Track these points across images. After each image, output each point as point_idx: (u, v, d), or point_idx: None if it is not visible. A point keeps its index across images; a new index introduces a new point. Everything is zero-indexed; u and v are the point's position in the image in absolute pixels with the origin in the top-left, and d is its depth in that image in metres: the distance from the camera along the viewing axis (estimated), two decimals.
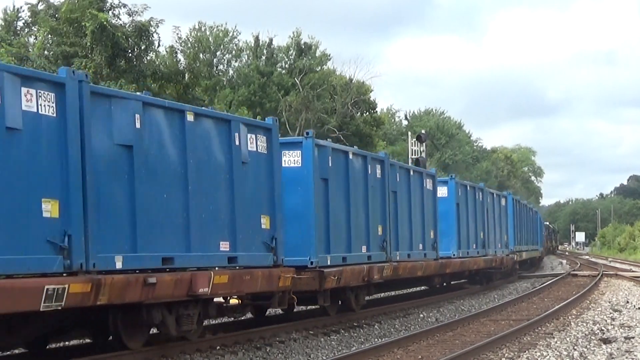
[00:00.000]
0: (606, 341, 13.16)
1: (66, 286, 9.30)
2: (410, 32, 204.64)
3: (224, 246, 12.32)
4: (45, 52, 33.58)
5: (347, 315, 16.84)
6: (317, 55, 61.20)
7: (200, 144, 11.84)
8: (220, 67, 62.85)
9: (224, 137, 12.39)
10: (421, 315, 18.62)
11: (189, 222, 11.52)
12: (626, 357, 11.41)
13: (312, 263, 14.79)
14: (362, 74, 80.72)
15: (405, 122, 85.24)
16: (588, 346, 12.71)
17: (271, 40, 62.60)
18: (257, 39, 62.81)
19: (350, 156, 16.63)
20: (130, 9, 33.45)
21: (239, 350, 12.40)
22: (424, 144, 40.18)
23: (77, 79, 9.87)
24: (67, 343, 12.39)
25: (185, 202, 11.50)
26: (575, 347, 12.57)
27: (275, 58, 61.89)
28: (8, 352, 10.91)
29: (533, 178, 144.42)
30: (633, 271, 38.51)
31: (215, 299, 12.38)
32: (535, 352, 12.14)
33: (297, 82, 56.42)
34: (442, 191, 23.65)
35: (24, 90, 9.18)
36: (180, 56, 47.83)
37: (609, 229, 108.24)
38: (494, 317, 18.03)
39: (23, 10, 42.88)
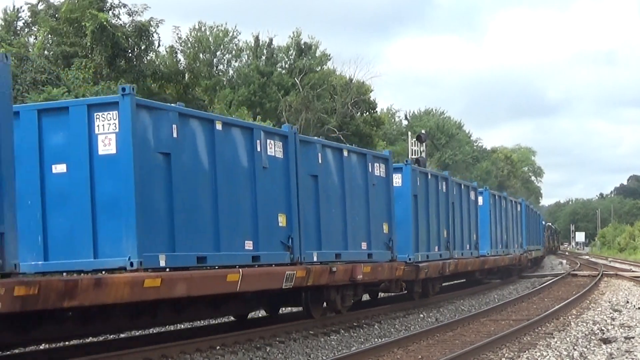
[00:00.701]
0: (606, 341, 13.16)
1: (294, 272, 13.86)
2: (410, 32, 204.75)
3: (364, 246, 17.14)
4: (45, 52, 33.61)
5: (347, 315, 16.93)
6: (317, 55, 61.23)
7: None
8: (220, 67, 62.92)
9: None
10: (421, 315, 18.62)
11: (369, 232, 17.20)
12: (626, 357, 11.41)
13: (410, 259, 19.39)
14: (362, 74, 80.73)
15: (405, 122, 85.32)
16: (588, 346, 12.71)
17: (271, 40, 62.69)
18: (257, 39, 62.87)
19: (429, 177, 21.85)
20: (130, 9, 33.53)
21: (239, 350, 12.40)
22: (424, 144, 40.18)
23: (294, 132, 14.49)
24: (66, 343, 12.39)
25: (366, 218, 17.14)
26: (575, 347, 12.57)
27: (275, 58, 61.92)
28: (8, 352, 10.91)
29: (533, 178, 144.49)
30: (633, 271, 38.52)
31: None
32: (535, 352, 12.14)
33: (297, 82, 56.44)
34: (479, 200, 28.20)
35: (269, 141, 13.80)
36: (180, 56, 47.91)
37: (609, 229, 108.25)
38: (494, 317, 18.03)
39: (23, 10, 42.90)
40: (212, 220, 12.25)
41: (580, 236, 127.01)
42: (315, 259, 14.99)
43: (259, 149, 13.47)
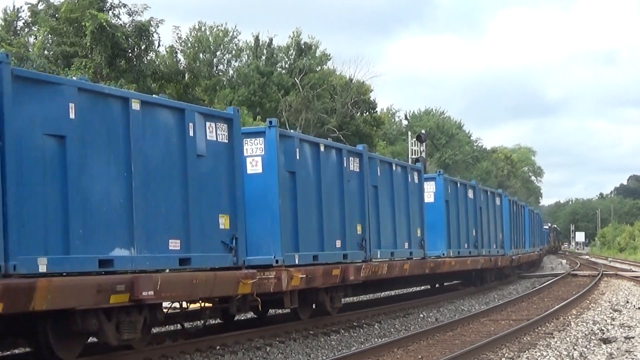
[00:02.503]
0: (606, 341, 13.16)
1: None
2: (411, 31, 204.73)
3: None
4: (45, 52, 33.61)
5: (347, 315, 16.91)
6: (317, 55, 61.23)
7: None
8: (220, 67, 62.94)
9: None
10: (421, 315, 18.62)
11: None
12: (626, 357, 11.41)
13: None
14: (362, 73, 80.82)
15: (405, 122, 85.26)
16: (588, 346, 12.71)
17: (271, 40, 62.70)
18: (257, 39, 62.88)
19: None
20: (130, 9, 33.50)
21: (239, 350, 12.40)
22: (424, 144, 40.20)
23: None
24: None
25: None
26: (575, 347, 12.57)
27: (275, 58, 61.92)
28: (8, 352, 10.90)
29: (533, 178, 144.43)
30: (633, 271, 38.52)
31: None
32: (535, 352, 12.14)
33: (297, 82, 56.44)
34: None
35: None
36: (180, 56, 47.90)
37: (609, 229, 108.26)
38: (494, 317, 18.03)
39: (23, 10, 42.98)
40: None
41: (580, 236, 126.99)
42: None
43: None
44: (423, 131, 45.21)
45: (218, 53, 62.65)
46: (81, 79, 10.51)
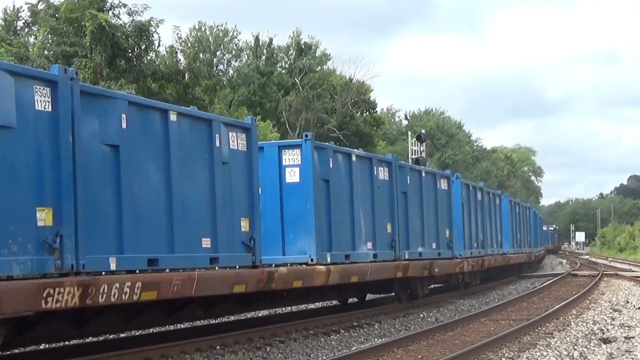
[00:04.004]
0: (606, 341, 13.16)
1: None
2: (411, 31, 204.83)
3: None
4: (45, 52, 33.59)
5: (347, 315, 16.93)
6: (317, 55, 61.23)
7: None
8: (220, 67, 62.93)
9: None
10: (421, 315, 18.61)
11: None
12: (626, 357, 11.40)
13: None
14: (362, 73, 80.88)
15: (405, 122, 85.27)
16: (588, 346, 12.71)
17: (271, 40, 62.71)
18: (257, 39, 62.89)
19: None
20: (130, 9, 33.48)
21: (239, 350, 12.40)
22: (424, 144, 40.17)
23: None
24: (66, 343, 12.39)
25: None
26: (575, 347, 12.57)
27: (275, 58, 61.92)
28: (8, 352, 10.91)
29: (533, 178, 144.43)
30: (633, 271, 38.51)
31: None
32: (535, 352, 12.13)
33: (297, 82, 56.43)
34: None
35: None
36: (180, 56, 47.83)
37: (609, 228, 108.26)
38: (494, 317, 18.03)
39: (23, 10, 42.96)
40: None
41: (580, 236, 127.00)
42: None
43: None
44: (423, 131, 45.18)
45: (218, 53, 62.64)
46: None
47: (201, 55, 60.40)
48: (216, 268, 12.14)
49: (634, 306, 19.42)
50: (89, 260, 9.48)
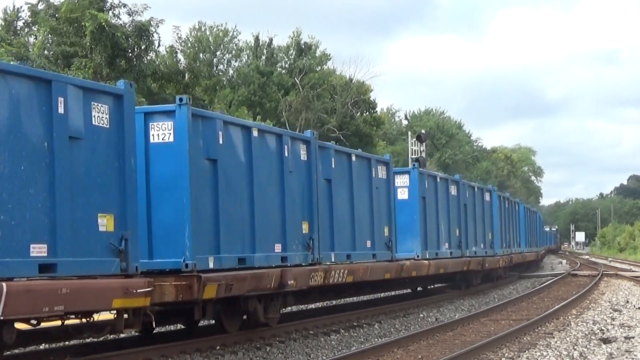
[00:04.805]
0: (606, 341, 13.16)
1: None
2: (411, 31, 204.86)
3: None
4: (45, 52, 33.58)
5: (346, 315, 16.93)
6: (317, 55, 61.20)
7: None
8: (220, 67, 62.90)
9: None
10: (421, 315, 18.61)
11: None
12: (626, 357, 11.40)
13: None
14: (362, 73, 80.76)
15: (405, 122, 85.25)
16: (588, 346, 12.71)
17: (271, 40, 62.67)
18: (257, 39, 62.86)
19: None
20: (130, 9, 33.47)
21: (239, 350, 12.40)
22: (424, 144, 40.18)
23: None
24: (66, 343, 12.38)
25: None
26: (575, 347, 12.57)
27: (275, 58, 61.89)
28: (8, 352, 10.91)
29: (533, 178, 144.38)
30: (633, 271, 38.52)
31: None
32: (535, 352, 12.13)
33: (297, 82, 56.41)
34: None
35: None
36: (180, 56, 47.85)
37: (609, 228, 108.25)
38: (494, 317, 18.03)
39: (23, 10, 42.91)
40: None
41: (580, 236, 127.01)
42: None
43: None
44: (423, 131, 45.19)
45: (218, 53, 62.62)
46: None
47: (201, 55, 60.39)
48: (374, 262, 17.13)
49: (634, 306, 19.42)
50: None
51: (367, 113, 60.34)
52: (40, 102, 8.98)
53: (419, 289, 24.61)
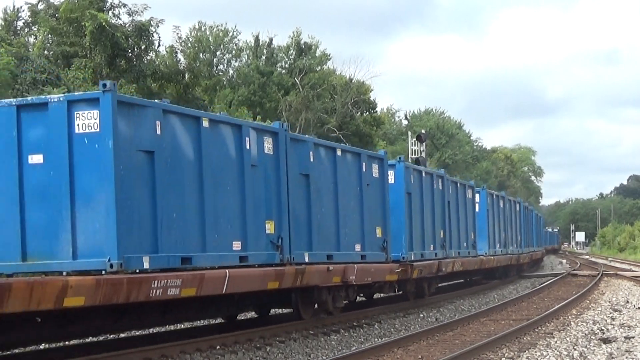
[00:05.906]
0: (606, 341, 13.16)
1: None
2: (411, 31, 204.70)
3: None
4: (45, 52, 33.60)
5: (347, 315, 16.94)
6: (317, 55, 61.20)
7: None
8: (220, 67, 62.90)
9: None
10: (421, 315, 18.62)
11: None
12: (626, 357, 11.40)
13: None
14: (362, 73, 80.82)
15: (405, 122, 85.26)
16: (588, 346, 12.71)
17: (271, 40, 62.67)
18: (257, 39, 62.86)
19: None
20: (130, 9, 33.51)
21: (239, 350, 12.40)
22: (424, 143, 40.16)
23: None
24: (66, 343, 12.39)
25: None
26: (575, 347, 12.57)
27: (275, 58, 61.89)
28: (8, 352, 10.92)
29: (533, 178, 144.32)
30: (633, 271, 38.51)
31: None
32: (535, 351, 12.13)
33: (297, 82, 56.41)
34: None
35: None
36: (180, 56, 47.86)
37: (609, 228, 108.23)
38: (494, 317, 18.03)
39: (23, 10, 42.89)
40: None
41: (580, 236, 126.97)
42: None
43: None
44: (423, 131, 45.16)
45: (218, 53, 62.62)
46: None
47: (201, 55, 60.39)
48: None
49: (634, 306, 19.42)
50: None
51: (367, 113, 60.34)
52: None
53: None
